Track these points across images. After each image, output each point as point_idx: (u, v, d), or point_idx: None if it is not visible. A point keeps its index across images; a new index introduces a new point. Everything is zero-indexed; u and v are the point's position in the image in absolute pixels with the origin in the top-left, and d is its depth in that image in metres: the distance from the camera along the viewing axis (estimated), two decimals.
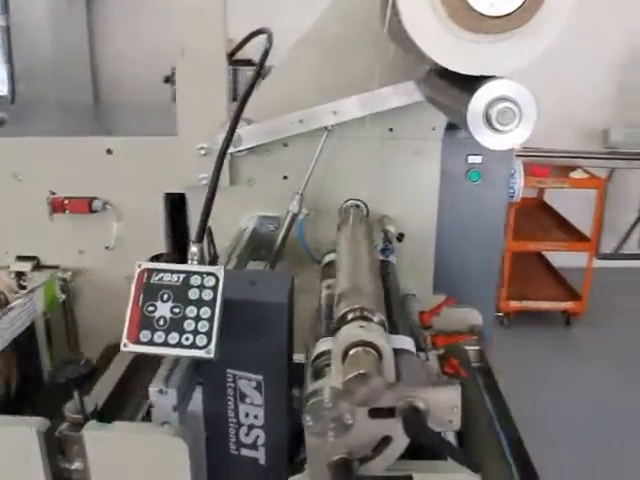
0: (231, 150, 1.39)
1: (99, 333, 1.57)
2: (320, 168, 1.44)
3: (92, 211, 1.51)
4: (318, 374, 0.94)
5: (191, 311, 0.85)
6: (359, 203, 1.49)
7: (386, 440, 0.87)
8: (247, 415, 0.99)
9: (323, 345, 0.98)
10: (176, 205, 1.56)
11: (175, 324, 0.84)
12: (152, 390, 0.85)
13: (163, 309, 0.85)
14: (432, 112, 1.42)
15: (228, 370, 0.95)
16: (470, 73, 0.85)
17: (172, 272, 0.87)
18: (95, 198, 1.51)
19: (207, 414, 0.98)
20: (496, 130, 0.82)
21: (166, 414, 0.86)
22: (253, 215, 1.51)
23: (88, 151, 1.50)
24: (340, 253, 1.20)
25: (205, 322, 0.84)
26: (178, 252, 1.53)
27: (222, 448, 0.99)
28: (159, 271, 0.87)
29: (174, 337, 0.84)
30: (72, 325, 1.61)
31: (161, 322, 0.84)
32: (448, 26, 0.82)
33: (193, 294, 0.86)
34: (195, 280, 0.87)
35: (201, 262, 0.99)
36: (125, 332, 0.84)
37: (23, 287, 1.55)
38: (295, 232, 1.46)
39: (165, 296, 0.86)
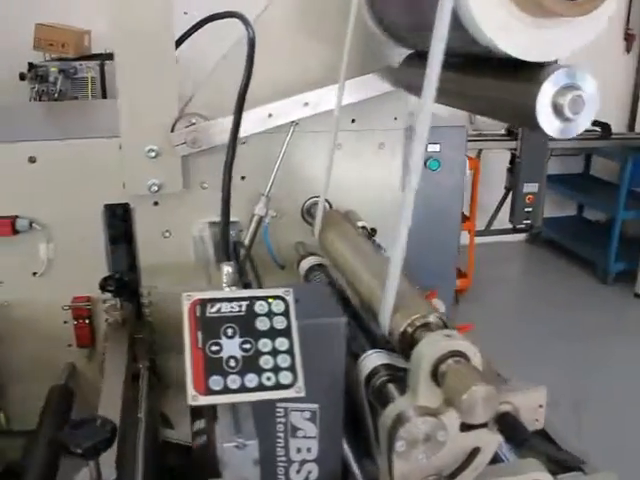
0: (187, 152, 1.23)
1: (25, 382, 1.34)
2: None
3: (15, 232, 1.26)
4: (381, 393, 0.87)
5: (264, 345, 0.72)
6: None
7: (475, 451, 0.83)
8: (299, 450, 0.88)
9: (373, 360, 0.90)
10: (114, 217, 1.36)
11: (249, 363, 0.71)
12: (227, 446, 0.70)
13: (230, 347, 0.71)
14: (394, 102, 1.37)
15: (278, 404, 0.83)
16: (529, 59, 0.81)
17: (231, 300, 0.73)
18: (17, 217, 1.27)
19: None
20: (566, 119, 0.79)
21: (245, 471, 0.72)
22: (205, 222, 1.36)
23: (4, 161, 1.24)
24: (346, 257, 1.11)
25: (285, 355, 0.72)
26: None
27: None
28: (215, 301, 0.73)
29: (252, 379, 0.70)
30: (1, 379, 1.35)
31: (232, 363, 0.71)
32: (512, 10, 0.77)
33: (262, 324, 0.73)
34: (261, 307, 0.74)
35: (236, 284, 0.85)
36: (190, 382, 0.69)
37: None
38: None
39: (229, 331, 0.72)
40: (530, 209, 3.24)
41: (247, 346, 0.71)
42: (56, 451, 1.15)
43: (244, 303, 0.73)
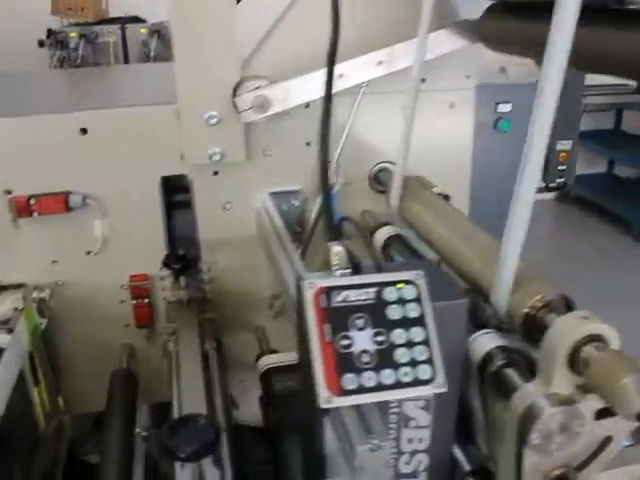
0: (253, 118, 1.14)
1: (83, 364, 1.28)
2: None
3: (68, 209, 1.18)
4: (499, 378, 0.80)
5: (399, 336, 0.64)
6: (390, 166, 1.31)
7: (606, 441, 0.76)
8: (410, 441, 0.81)
9: (487, 342, 0.83)
10: (172, 190, 1.28)
11: (384, 358, 0.63)
12: (361, 450, 0.63)
13: (362, 340, 0.64)
14: (466, 58, 1.27)
15: None
16: None
17: (358, 287, 0.65)
18: (70, 193, 1.18)
19: None
20: None
21: (377, 475, 0.65)
22: (266, 191, 1.27)
23: (54, 133, 1.15)
24: (439, 230, 1.02)
25: (422, 347, 0.64)
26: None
27: None
28: (340, 288, 0.65)
29: (388, 375, 0.63)
30: (54, 358, 1.28)
31: (365, 358, 0.63)
32: None
33: (394, 313, 0.65)
34: (390, 294, 0.66)
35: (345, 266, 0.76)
36: (321, 382, 0.61)
37: None
38: None
39: (359, 322, 0.64)
40: (564, 167, 3.13)
41: (380, 338, 0.64)
42: (129, 440, 1.09)
43: (372, 290, 0.65)
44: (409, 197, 1.14)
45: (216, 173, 1.22)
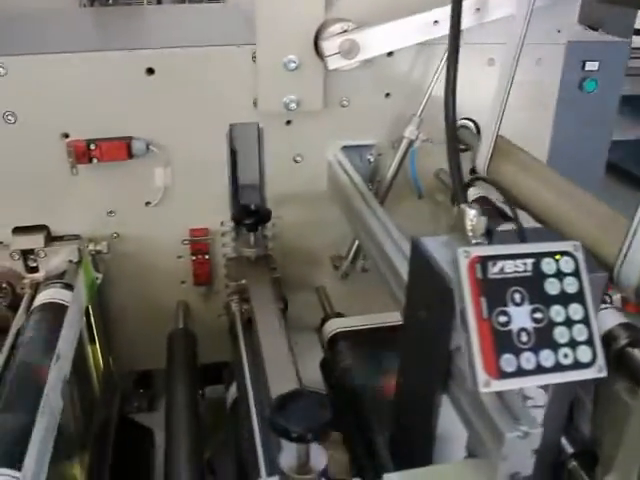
0: (339, 64, 1.04)
1: (135, 321, 1.21)
2: (426, 83, 1.15)
3: (131, 156, 1.09)
4: (623, 359, 0.73)
5: (557, 313, 0.57)
6: (470, 124, 1.22)
7: None
8: None
9: (608, 319, 0.76)
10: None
11: (543, 337, 0.56)
12: (510, 437, 0.57)
13: (520, 317, 0.56)
14: (559, 10, 1.17)
15: None
16: None
17: (515, 257, 0.58)
18: (132, 138, 1.09)
19: None
20: None
21: (522, 463, 0.59)
22: (339, 144, 1.18)
23: (119, 72, 1.05)
24: (542, 196, 0.94)
25: (581, 326, 0.57)
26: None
27: None
28: (497, 258, 0.57)
29: (547, 357, 0.56)
30: (106, 314, 1.22)
31: (523, 337, 0.56)
32: None
33: (552, 287, 0.58)
34: (548, 266, 0.58)
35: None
36: (479, 364, 0.54)
37: (33, 269, 1.12)
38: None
39: (517, 296, 0.57)
40: None
41: (538, 315, 0.56)
42: (194, 401, 1.04)
43: (529, 261, 0.58)
44: (500, 157, 1.05)
45: (289, 122, 1.13)
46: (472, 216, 0.66)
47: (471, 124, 1.20)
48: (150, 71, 1.05)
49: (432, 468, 0.68)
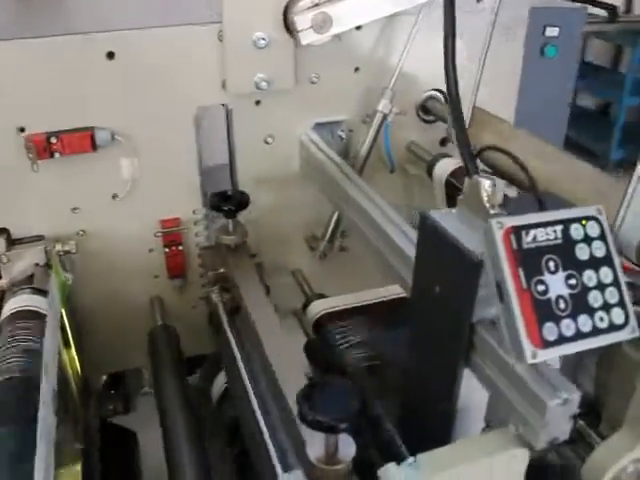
0: (312, 39, 1.01)
1: (107, 322, 1.16)
2: (395, 56, 1.13)
3: (95, 148, 1.03)
4: None
5: (589, 278, 0.57)
6: (437, 94, 1.21)
7: None
8: None
9: None
10: None
11: (579, 303, 0.56)
12: (552, 405, 0.57)
13: (556, 284, 0.56)
14: None
15: None
16: None
17: (545, 225, 0.57)
18: (94, 128, 1.02)
19: None
20: None
21: (561, 429, 0.59)
22: (310, 122, 1.16)
23: (76, 58, 0.98)
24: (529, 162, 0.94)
25: (612, 289, 0.57)
26: None
27: None
28: (529, 227, 0.56)
29: (585, 322, 0.56)
30: (77, 319, 1.15)
31: (561, 305, 0.56)
32: None
33: (582, 252, 0.57)
34: (576, 231, 0.58)
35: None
36: (524, 335, 0.53)
37: None
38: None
39: (551, 264, 0.56)
40: None
41: (572, 281, 0.56)
42: (187, 397, 1.00)
43: (558, 228, 0.57)
44: (478, 127, 1.05)
45: (258, 103, 1.09)
46: (488, 186, 0.66)
47: (439, 95, 1.19)
48: (110, 55, 0.99)
49: (461, 442, 0.67)
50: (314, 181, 1.11)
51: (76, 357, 1.13)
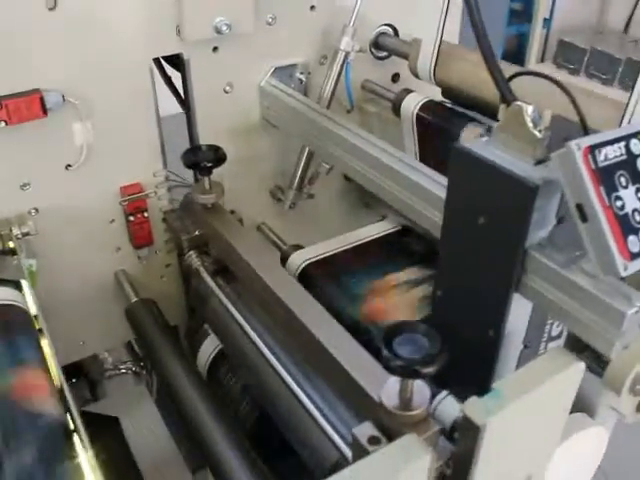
0: None
1: (72, 303, 1.07)
2: None
3: (45, 112, 0.91)
4: None
5: None
6: (388, 29, 1.19)
7: None
8: None
9: None
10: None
11: None
12: (630, 313, 0.59)
13: (629, 199, 0.57)
14: None
15: None
16: None
17: (612, 143, 0.58)
18: (40, 90, 0.90)
19: None
20: None
21: (631, 336, 0.62)
22: (269, 67, 1.09)
23: (13, 10, 0.85)
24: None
25: None
26: None
27: None
28: (600, 146, 0.57)
29: None
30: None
31: (637, 217, 0.58)
32: None
33: None
34: (636, 146, 0.60)
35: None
36: (614, 249, 0.55)
37: None
38: None
39: (622, 180, 0.58)
40: None
41: None
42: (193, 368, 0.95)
43: (622, 144, 0.59)
44: (445, 60, 1.05)
45: (215, 49, 1.01)
46: (531, 111, 0.66)
47: (390, 30, 1.18)
48: (50, 6, 0.87)
49: (528, 366, 0.69)
50: (282, 127, 1.06)
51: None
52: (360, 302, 0.93)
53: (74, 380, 1.31)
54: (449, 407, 0.74)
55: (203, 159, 0.94)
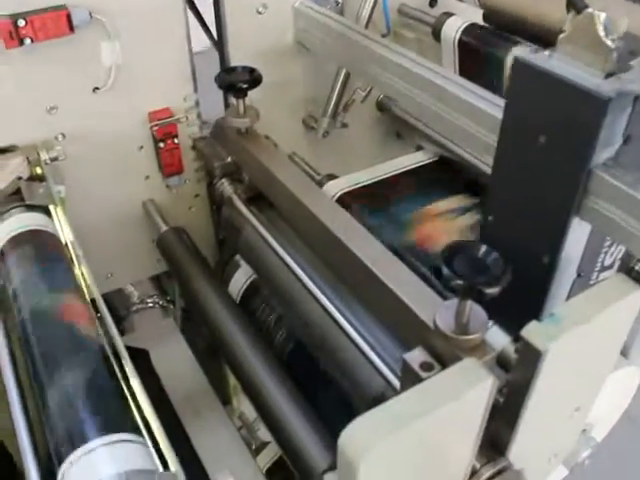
0: None
1: (100, 235, 1.04)
2: None
3: (72, 29, 0.86)
4: None
5: None
6: None
7: None
8: None
9: None
10: None
11: None
12: None
13: None
14: None
15: None
16: None
17: None
18: (67, 6, 0.85)
19: None
20: None
21: None
22: None
23: None
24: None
25: None
26: None
27: None
28: None
29: None
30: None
31: None
32: None
33: None
34: None
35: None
36: None
37: None
38: None
39: None
40: None
41: None
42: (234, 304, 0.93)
43: None
44: None
45: None
46: (604, 19, 0.61)
47: None
48: None
49: (587, 293, 0.66)
50: (317, 50, 1.01)
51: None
52: (402, 231, 0.90)
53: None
54: (495, 336, 0.72)
55: (238, 80, 0.90)
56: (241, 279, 1.06)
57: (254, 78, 0.91)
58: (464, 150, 1.05)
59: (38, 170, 0.91)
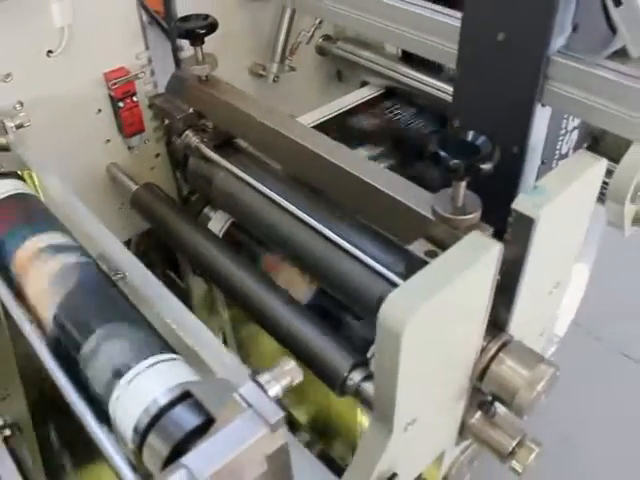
0: None
1: None
2: None
3: None
4: None
5: None
6: None
7: None
8: None
9: None
10: None
11: None
12: None
13: None
14: None
15: None
16: None
17: None
18: None
19: None
20: None
21: None
22: None
23: None
24: None
25: None
26: None
27: None
28: None
29: None
30: None
31: None
32: None
33: None
34: None
35: None
36: None
37: None
38: None
39: None
40: None
41: None
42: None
43: None
44: None
45: None
46: None
47: None
48: None
49: (559, 168, 0.73)
50: None
51: None
52: None
53: None
54: None
55: (196, 26, 0.92)
56: (215, 229, 1.08)
57: (210, 23, 0.93)
58: (411, 78, 1.12)
59: (2, 140, 0.90)
